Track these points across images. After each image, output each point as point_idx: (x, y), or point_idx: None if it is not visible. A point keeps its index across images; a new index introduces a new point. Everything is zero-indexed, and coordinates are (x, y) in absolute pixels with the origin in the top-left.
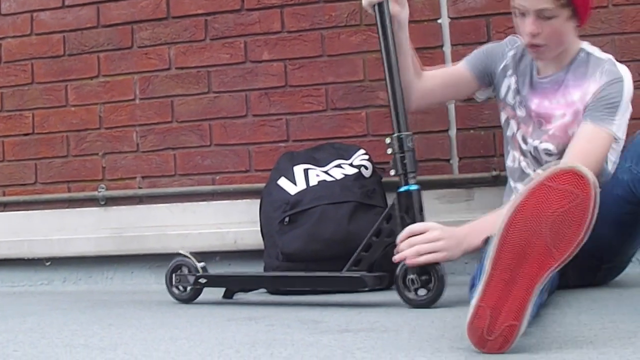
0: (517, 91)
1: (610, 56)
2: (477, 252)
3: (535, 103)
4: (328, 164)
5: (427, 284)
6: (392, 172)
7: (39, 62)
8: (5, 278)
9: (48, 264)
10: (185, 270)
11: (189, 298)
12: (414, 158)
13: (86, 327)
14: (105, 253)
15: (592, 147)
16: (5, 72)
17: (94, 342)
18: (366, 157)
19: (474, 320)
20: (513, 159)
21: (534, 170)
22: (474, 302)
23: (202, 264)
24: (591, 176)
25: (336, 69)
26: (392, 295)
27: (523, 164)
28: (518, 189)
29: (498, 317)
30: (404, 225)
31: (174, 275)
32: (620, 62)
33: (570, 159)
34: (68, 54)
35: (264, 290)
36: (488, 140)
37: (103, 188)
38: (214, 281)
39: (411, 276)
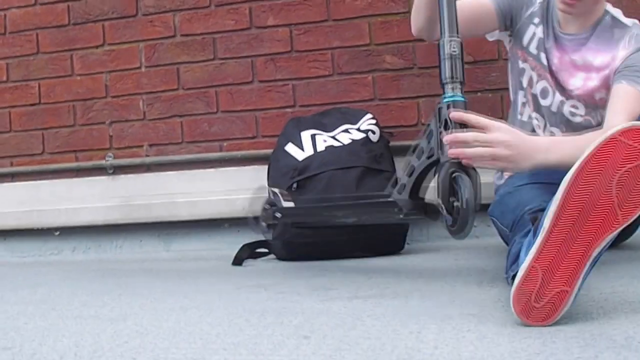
0: (543, 41)
1: (635, 21)
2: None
3: (557, 57)
4: (335, 129)
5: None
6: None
7: (44, 32)
8: (15, 248)
9: (57, 233)
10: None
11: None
12: (456, 66)
13: (96, 298)
14: (114, 222)
15: (632, 107)
16: (11, 42)
17: (104, 313)
18: (373, 121)
19: (524, 282)
20: (522, 112)
21: (544, 130)
22: (526, 262)
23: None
24: None
25: (342, 33)
26: (401, 260)
27: (535, 122)
28: None
29: (550, 280)
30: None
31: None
32: None
33: (617, 118)
34: (73, 23)
35: (273, 256)
36: (495, 103)
37: (111, 157)
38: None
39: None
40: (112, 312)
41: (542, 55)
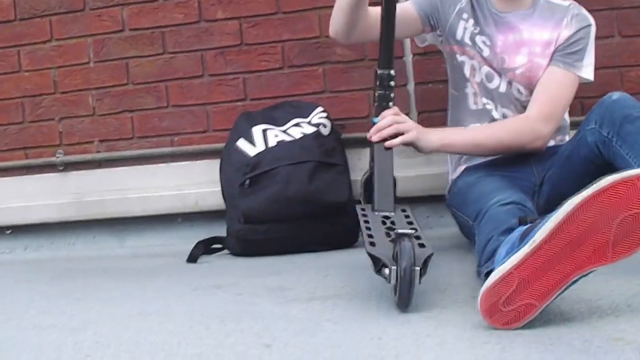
0: (479, 31)
1: (571, 1)
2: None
3: (501, 39)
4: (286, 123)
5: None
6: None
7: None
8: None
9: (9, 232)
10: None
11: None
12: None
13: (53, 303)
14: (66, 219)
15: (562, 93)
16: None
17: (63, 322)
18: (324, 114)
19: (498, 284)
20: (475, 102)
21: (496, 111)
22: (506, 266)
23: None
24: None
25: (292, 25)
26: (356, 255)
27: (488, 106)
28: None
29: (523, 290)
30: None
31: None
32: None
33: (543, 103)
34: (19, 19)
35: (228, 252)
36: (447, 94)
37: (61, 153)
38: None
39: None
40: (72, 321)
41: (478, 44)
